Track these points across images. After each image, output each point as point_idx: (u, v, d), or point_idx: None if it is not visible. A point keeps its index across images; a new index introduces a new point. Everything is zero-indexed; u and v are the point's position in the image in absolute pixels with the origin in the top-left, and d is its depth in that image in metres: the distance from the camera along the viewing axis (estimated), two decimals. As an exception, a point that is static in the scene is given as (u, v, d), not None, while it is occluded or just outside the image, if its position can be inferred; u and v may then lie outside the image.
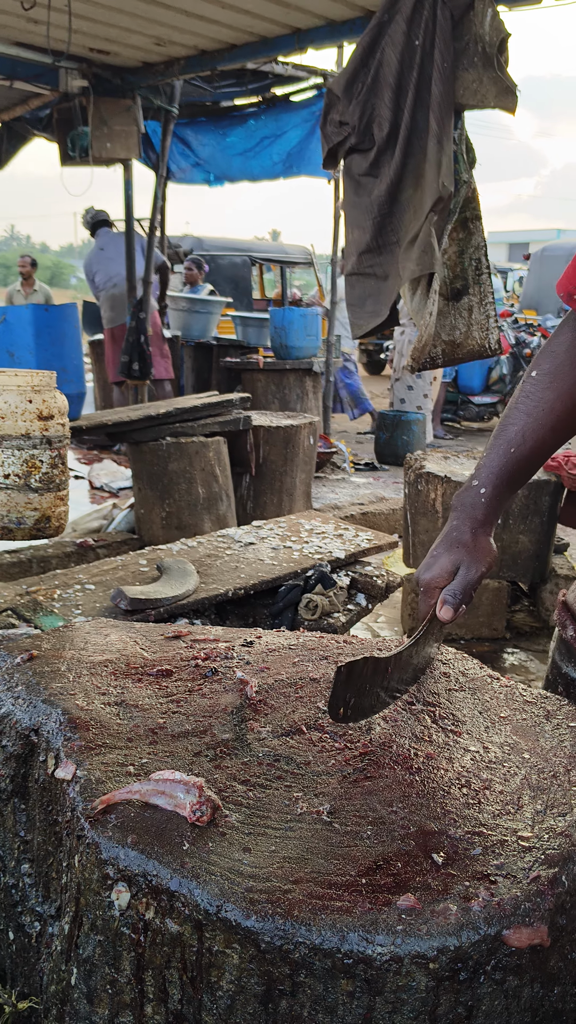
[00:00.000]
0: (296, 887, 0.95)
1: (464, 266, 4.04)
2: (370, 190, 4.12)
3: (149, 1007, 0.99)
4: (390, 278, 4.15)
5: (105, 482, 6.60)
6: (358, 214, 4.20)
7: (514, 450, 1.33)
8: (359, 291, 4.32)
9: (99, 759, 1.18)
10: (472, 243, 4.03)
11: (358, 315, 4.37)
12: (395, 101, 3.98)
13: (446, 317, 4.01)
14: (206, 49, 6.24)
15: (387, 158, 4.06)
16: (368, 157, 4.12)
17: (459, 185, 3.90)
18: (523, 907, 0.92)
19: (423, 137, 3.93)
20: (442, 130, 3.85)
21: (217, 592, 3.38)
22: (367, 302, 4.27)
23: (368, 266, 4.22)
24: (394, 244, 4.11)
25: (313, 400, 8.46)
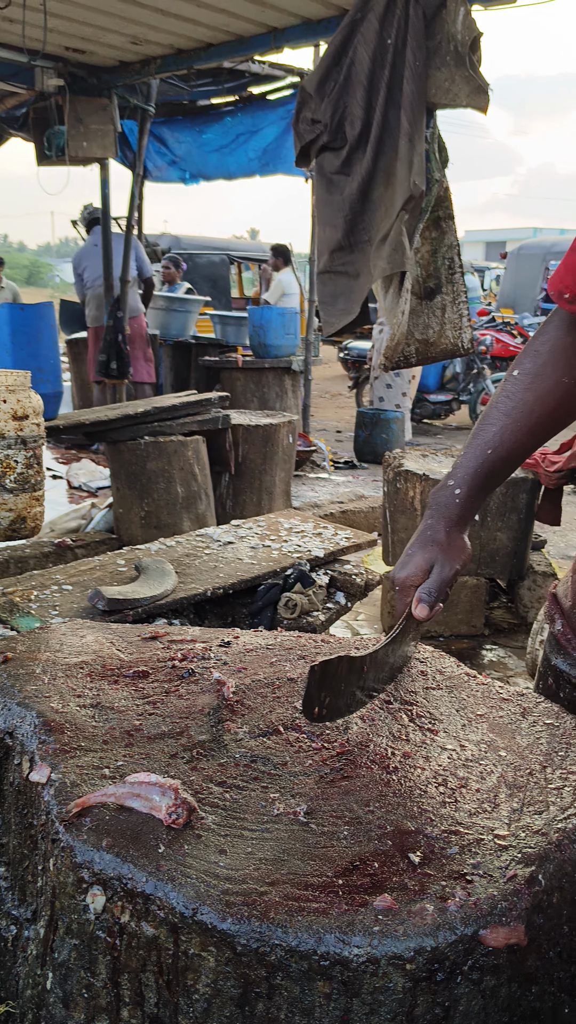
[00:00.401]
0: (272, 889, 0.94)
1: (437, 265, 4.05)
2: (342, 188, 4.12)
3: (125, 1011, 0.98)
4: (362, 276, 4.15)
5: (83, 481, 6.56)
6: (330, 212, 4.20)
7: (491, 451, 1.32)
8: (330, 289, 4.32)
9: (74, 762, 1.17)
10: (445, 242, 4.04)
11: (329, 313, 4.37)
12: (367, 99, 3.98)
13: (419, 316, 4.02)
14: (182, 48, 6.22)
15: (359, 156, 4.06)
16: (340, 155, 4.12)
17: (431, 184, 3.90)
18: (500, 906, 0.92)
19: (395, 135, 3.93)
20: (414, 129, 3.85)
21: (196, 592, 3.37)
22: (339, 300, 4.27)
23: (340, 264, 4.22)
24: (365, 242, 4.11)
25: (292, 398, 8.46)
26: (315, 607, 3.62)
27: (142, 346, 8.19)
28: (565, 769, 1.18)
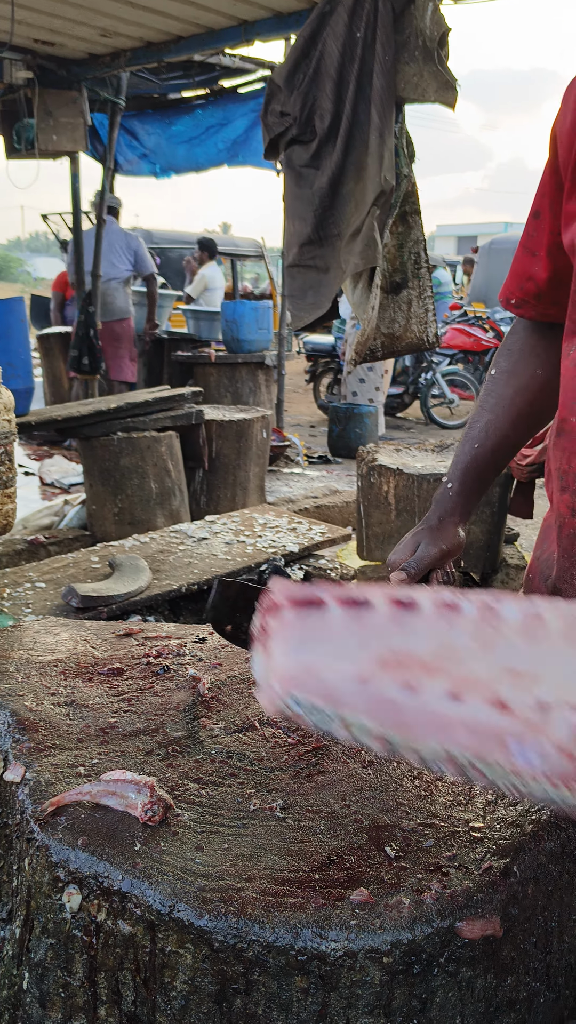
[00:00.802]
0: (249, 885, 0.94)
1: (403, 260, 4.06)
2: (311, 182, 4.11)
3: (102, 1009, 0.97)
4: (331, 270, 4.15)
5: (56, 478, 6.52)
6: (299, 206, 4.19)
7: (478, 446, 1.41)
8: (300, 283, 4.31)
9: (49, 760, 1.16)
10: (411, 237, 4.05)
11: (299, 307, 4.36)
12: (336, 93, 3.97)
13: (385, 310, 4.03)
14: (152, 41, 6.18)
15: (328, 150, 4.05)
16: (309, 149, 4.11)
17: (400, 179, 3.91)
18: (476, 898, 0.92)
19: (365, 130, 3.93)
20: (384, 123, 3.85)
21: (170, 588, 3.36)
22: (308, 294, 4.27)
23: (309, 258, 4.21)
24: (335, 237, 4.11)
25: (266, 393, 8.44)
26: (290, 602, 3.62)
27: (128, 346, 8.14)
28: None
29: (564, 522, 1.28)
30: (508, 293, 1.41)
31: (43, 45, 6.38)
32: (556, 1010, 1.04)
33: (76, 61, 6.71)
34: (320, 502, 6.54)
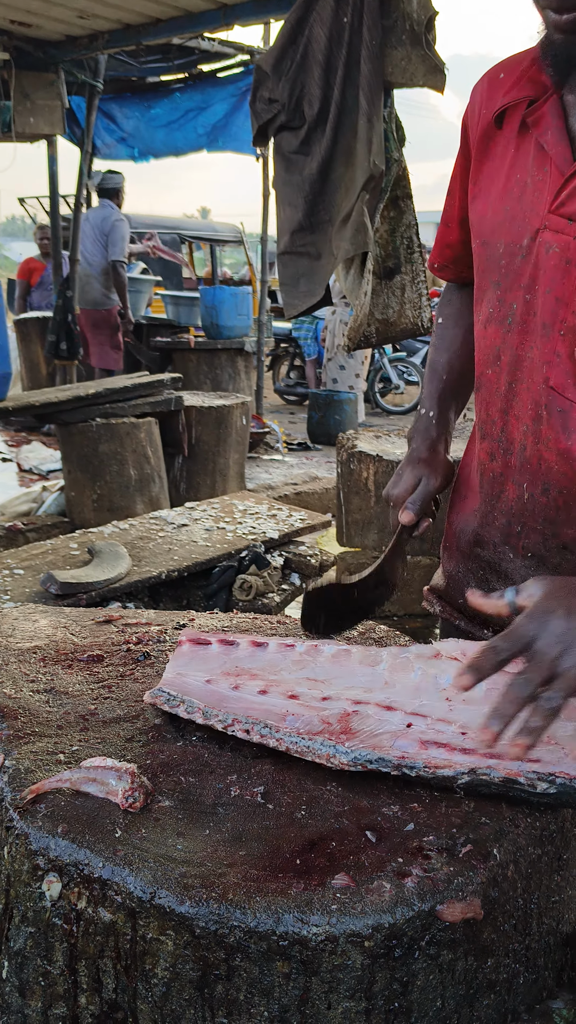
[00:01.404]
0: (231, 871, 0.94)
1: (396, 245, 4.04)
2: (301, 168, 4.08)
3: (83, 997, 0.97)
4: (323, 257, 4.12)
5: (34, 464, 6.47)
6: (290, 192, 4.16)
7: (445, 376, 1.58)
8: (292, 271, 4.28)
9: (28, 748, 1.15)
10: (403, 222, 4.03)
11: (292, 295, 4.33)
12: (324, 79, 3.94)
13: (379, 296, 4.01)
14: (131, 23, 6.10)
15: (318, 136, 4.02)
16: (299, 135, 4.08)
17: (390, 163, 3.89)
18: (456, 881, 0.93)
19: (353, 115, 3.90)
20: (372, 108, 3.83)
21: (150, 575, 3.35)
22: (301, 282, 4.24)
23: (301, 245, 4.18)
24: (327, 223, 4.09)
25: (245, 380, 8.41)
26: (270, 588, 3.62)
27: (111, 335, 8.06)
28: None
29: (484, 468, 1.44)
30: (433, 259, 1.65)
31: (20, 26, 6.29)
32: (535, 990, 1.05)
33: (53, 43, 6.62)
34: (300, 489, 6.53)
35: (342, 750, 1.09)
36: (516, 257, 1.31)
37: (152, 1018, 0.94)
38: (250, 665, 1.32)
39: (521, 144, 1.32)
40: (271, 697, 1.22)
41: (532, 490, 1.34)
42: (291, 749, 1.13)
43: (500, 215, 1.34)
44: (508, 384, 1.35)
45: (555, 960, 1.08)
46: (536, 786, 1.02)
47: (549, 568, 1.36)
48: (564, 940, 1.09)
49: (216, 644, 1.37)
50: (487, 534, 1.45)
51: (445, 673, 1.25)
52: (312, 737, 1.12)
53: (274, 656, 1.34)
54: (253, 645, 1.37)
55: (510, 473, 1.38)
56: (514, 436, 1.36)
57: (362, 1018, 0.91)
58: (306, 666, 1.32)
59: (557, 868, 1.08)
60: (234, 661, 1.33)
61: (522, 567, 1.39)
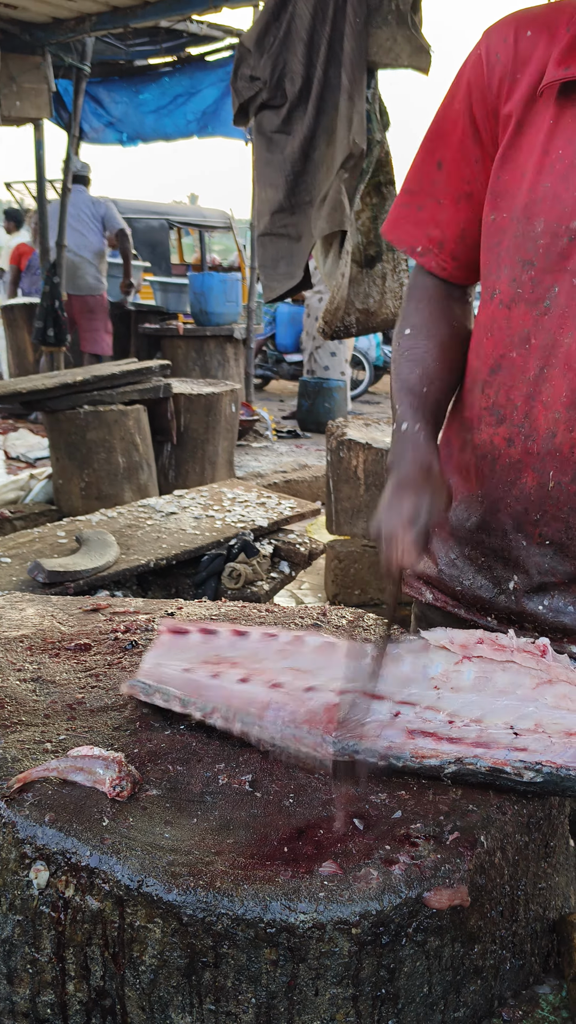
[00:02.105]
0: (218, 859, 0.94)
1: (378, 232, 4.01)
2: (282, 147, 4.03)
3: (71, 985, 0.97)
4: (304, 239, 4.08)
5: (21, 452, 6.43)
6: (271, 172, 4.11)
7: (426, 389, 1.40)
8: (272, 252, 4.23)
9: (15, 737, 1.15)
10: (386, 208, 4.00)
11: (271, 277, 4.29)
12: (307, 56, 3.89)
13: (360, 285, 3.98)
14: (118, 5, 6.04)
15: (299, 114, 3.97)
16: (280, 113, 4.03)
17: (372, 145, 3.85)
18: (443, 869, 0.93)
19: (335, 94, 3.85)
20: (354, 87, 3.78)
21: (138, 563, 3.34)
22: (280, 264, 4.20)
23: (281, 226, 4.14)
24: (307, 204, 4.04)
25: (235, 367, 8.39)
26: (259, 577, 3.62)
27: (103, 319, 8.03)
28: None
29: (499, 454, 1.36)
30: (413, 240, 1.44)
31: (5, 8, 6.22)
32: (522, 976, 1.05)
33: (40, 25, 6.55)
34: (289, 476, 6.53)
35: (328, 739, 1.08)
36: (561, 239, 1.24)
37: (140, 1005, 0.94)
38: (231, 654, 1.30)
39: (563, 117, 1.23)
40: (252, 686, 1.19)
41: (560, 478, 1.29)
42: (275, 738, 1.11)
43: (538, 191, 1.25)
44: (539, 369, 1.29)
45: (541, 946, 1.08)
46: (523, 775, 1.02)
47: (571, 556, 1.33)
48: (550, 926, 1.10)
49: (196, 633, 1.35)
50: (495, 521, 1.39)
51: (434, 662, 1.24)
52: (299, 726, 1.11)
53: (256, 645, 1.32)
54: (234, 634, 1.34)
55: (531, 460, 1.32)
56: (540, 422, 1.30)
57: (349, 1004, 0.91)
58: (290, 656, 1.29)
59: (544, 855, 1.08)
60: (214, 650, 1.31)
61: (537, 554, 1.35)
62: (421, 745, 1.07)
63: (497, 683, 1.18)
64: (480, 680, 1.18)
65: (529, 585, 1.38)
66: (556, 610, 1.36)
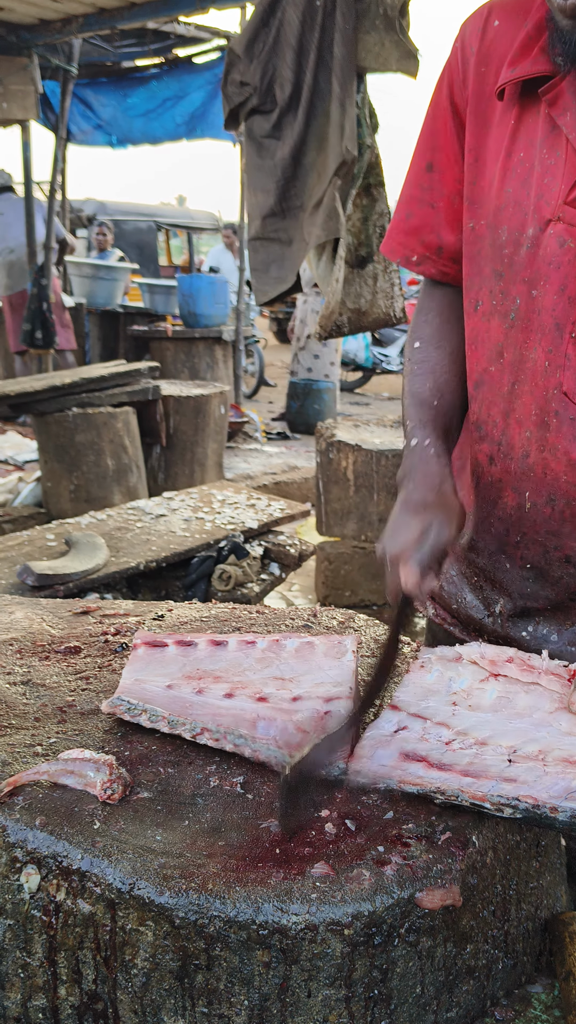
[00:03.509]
0: (210, 861, 0.94)
1: (368, 233, 4.03)
2: (273, 152, 4.05)
3: (63, 989, 0.97)
4: (295, 243, 4.10)
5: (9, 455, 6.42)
6: (261, 177, 4.13)
7: (437, 402, 1.33)
8: (263, 256, 4.25)
9: (5, 740, 1.14)
10: (376, 210, 4.02)
11: (263, 281, 4.31)
12: (297, 62, 3.91)
13: (351, 285, 4.00)
14: (105, 7, 6.04)
15: (289, 120, 3.99)
16: (270, 119, 4.05)
17: (363, 150, 3.87)
18: (435, 869, 0.93)
19: (326, 100, 3.88)
20: (344, 93, 3.81)
21: (128, 565, 3.34)
22: (271, 268, 4.22)
23: (272, 231, 4.16)
24: (298, 208, 4.06)
25: (223, 369, 8.39)
26: (249, 578, 3.62)
27: (58, 312, 7.99)
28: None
29: (482, 471, 1.30)
30: (406, 250, 1.38)
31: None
32: (514, 975, 1.05)
33: (26, 27, 6.54)
34: (279, 478, 6.53)
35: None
36: (520, 247, 1.19)
37: (132, 1008, 0.93)
38: (212, 667, 1.27)
39: (524, 117, 1.18)
40: (239, 701, 1.17)
41: (535, 499, 1.23)
42: (270, 761, 1.08)
43: (503, 197, 1.20)
44: (511, 384, 1.23)
45: (533, 945, 1.08)
46: (503, 810, 0.98)
47: (550, 581, 1.26)
48: (542, 926, 1.10)
49: (173, 645, 1.32)
50: (482, 540, 1.33)
51: (461, 676, 1.20)
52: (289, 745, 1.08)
53: (236, 655, 1.30)
54: (212, 644, 1.32)
55: (509, 479, 1.26)
56: (515, 441, 1.24)
57: (342, 1005, 0.91)
58: (270, 664, 1.27)
59: (535, 854, 1.08)
60: (194, 663, 1.28)
61: (519, 578, 1.29)
62: (410, 772, 1.03)
63: (517, 704, 1.14)
64: (501, 700, 1.15)
65: (513, 609, 1.32)
66: (540, 638, 1.31)
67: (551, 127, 1.15)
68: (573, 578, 1.25)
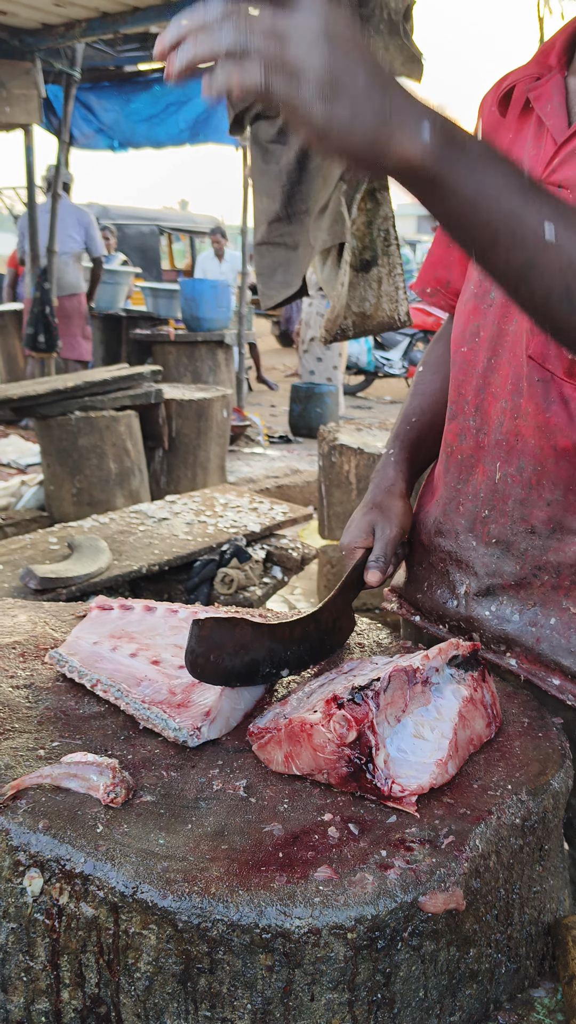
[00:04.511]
0: (213, 865, 0.94)
1: (372, 237, 4.03)
2: (278, 157, 4.06)
3: (66, 992, 0.97)
4: (300, 248, 4.11)
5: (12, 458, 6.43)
6: (267, 182, 4.14)
7: (415, 419, 1.52)
8: (269, 261, 4.26)
9: (8, 744, 1.14)
10: (380, 213, 4.02)
11: (268, 286, 4.32)
12: (303, 67, 3.92)
13: (356, 288, 4.00)
14: (108, 11, 6.05)
15: (295, 125, 4.01)
16: (275, 123, 4.05)
17: (368, 154, 3.88)
18: (439, 872, 0.93)
19: (331, 104, 3.89)
20: (349, 98, 3.82)
21: (131, 569, 3.34)
22: (277, 272, 4.23)
23: (278, 235, 4.16)
24: (304, 213, 4.07)
25: (226, 372, 8.40)
26: (252, 582, 3.62)
27: (80, 323, 8.02)
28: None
29: (451, 450, 1.40)
30: (423, 283, 1.56)
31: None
32: (517, 980, 1.05)
33: (29, 31, 6.56)
34: (281, 482, 6.54)
35: (172, 725, 1.14)
36: None
37: (135, 1012, 0.93)
38: (135, 629, 1.37)
39: (521, 128, 1.31)
40: (137, 661, 1.27)
41: (506, 469, 1.31)
42: (136, 716, 1.18)
43: None
44: (487, 360, 1.32)
45: (537, 950, 1.08)
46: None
47: (515, 555, 1.33)
48: (545, 930, 1.10)
49: (117, 609, 1.45)
50: (450, 522, 1.42)
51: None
52: (151, 707, 1.17)
53: (157, 620, 1.40)
54: (145, 610, 1.43)
55: (482, 454, 1.34)
56: (490, 414, 1.32)
57: (345, 1009, 0.91)
58: (180, 632, 1.35)
59: (539, 858, 1.08)
60: (124, 625, 1.39)
61: (485, 555, 1.36)
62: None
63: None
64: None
65: (478, 588, 1.38)
66: (501, 618, 1.35)
67: (538, 125, 1.27)
68: (537, 550, 1.31)
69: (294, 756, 1.07)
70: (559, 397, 1.23)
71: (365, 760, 1.02)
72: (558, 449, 1.24)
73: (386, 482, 1.45)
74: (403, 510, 1.42)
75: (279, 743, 1.09)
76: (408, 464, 1.47)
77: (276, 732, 1.09)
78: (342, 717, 1.02)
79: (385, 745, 1.04)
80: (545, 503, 1.28)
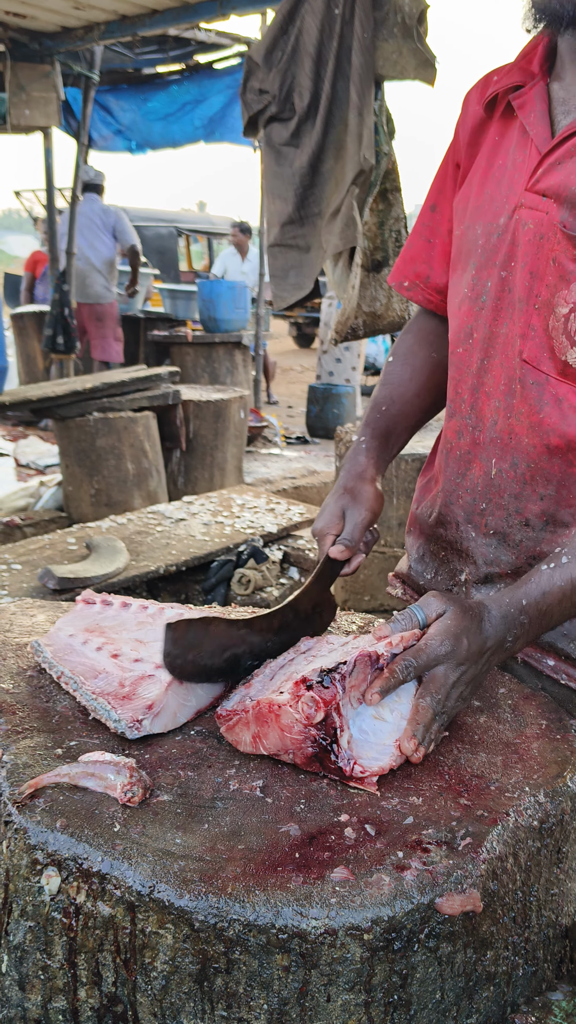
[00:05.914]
0: (230, 864, 0.94)
1: (384, 238, 4.03)
2: (291, 160, 4.07)
3: (83, 991, 0.97)
4: (313, 250, 4.12)
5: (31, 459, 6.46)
6: (280, 184, 4.15)
7: (385, 408, 1.55)
8: (281, 263, 4.28)
9: (26, 743, 1.15)
10: (392, 214, 4.02)
11: (281, 287, 4.33)
12: (315, 70, 3.93)
13: (367, 289, 4.00)
14: (126, 14, 6.08)
15: (308, 128, 4.01)
16: (289, 127, 4.06)
17: (379, 157, 3.88)
18: (455, 874, 0.93)
19: (344, 108, 3.89)
20: (363, 101, 3.82)
21: (148, 569, 3.35)
22: (290, 274, 4.24)
23: (291, 237, 4.18)
24: (316, 216, 4.08)
25: (243, 373, 8.41)
26: (269, 583, 3.62)
27: (112, 326, 8.08)
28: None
29: (451, 446, 1.44)
30: (401, 276, 1.58)
31: (15, 18, 6.27)
32: (534, 982, 1.05)
33: (49, 34, 6.60)
34: (298, 482, 6.53)
35: (114, 716, 1.17)
36: (492, 236, 1.32)
37: (152, 1011, 0.94)
38: (107, 623, 1.40)
39: (505, 131, 1.34)
40: (100, 654, 1.30)
41: (501, 465, 1.35)
42: (88, 707, 1.21)
43: (481, 199, 1.35)
44: (480, 361, 1.35)
45: (554, 952, 1.08)
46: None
47: (511, 545, 1.37)
48: (563, 932, 1.09)
49: (99, 604, 1.48)
50: (450, 513, 1.46)
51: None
52: (98, 698, 1.19)
53: (128, 616, 1.42)
54: (122, 606, 1.46)
55: (478, 450, 1.38)
56: (484, 412, 1.36)
57: (361, 1010, 0.91)
58: (144, 627, 1.37)
59: (556, 861, 1.08)
60: (99, 619, 1.42)
61: (483, 545, 1.41)
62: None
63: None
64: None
65: (477, 576, 1.43)
66: None
67: (522, 132, 1.30)
68: (531, 541, 1.35)
69: (261, 736, 1.10)
70: (552, 398, 1.27)
71: (330, 741, 1.05)
72: (551, 447, 1.29)
73: (357, 468, 1.48)
74: (373, 495, 1.45)
75: (247, 724, 1.11)
76: (378, 451, 1.51)
77: (244, 714, 1.12)
78: (310, 698, 1.05)
79: (349, 726, 1.07)
80: (539, 497, 1.32)
